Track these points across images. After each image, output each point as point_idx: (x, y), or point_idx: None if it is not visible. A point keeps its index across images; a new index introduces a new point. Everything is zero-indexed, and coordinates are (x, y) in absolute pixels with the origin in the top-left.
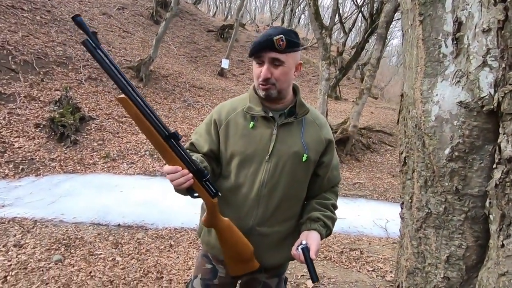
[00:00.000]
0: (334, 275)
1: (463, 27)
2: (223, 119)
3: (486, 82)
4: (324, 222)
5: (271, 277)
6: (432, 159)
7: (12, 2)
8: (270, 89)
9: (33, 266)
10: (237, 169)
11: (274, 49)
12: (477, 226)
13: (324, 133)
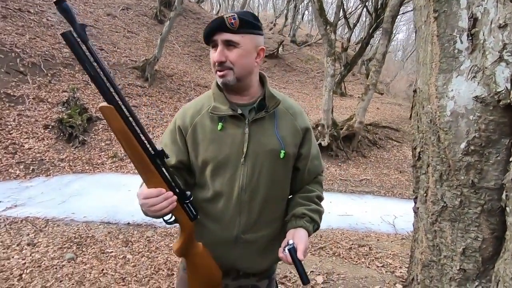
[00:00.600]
0: (344, 271)
1: (478, 23)
2: (188, 125)
3: (503, 77)
4: (310, 217)
5: (260, 279)
6: (448, 153)
7: (19, 5)
8: (227, 76)
9: (46, 264)
10: (212, 177)
11: (226, 29)
12: (493, 219)
13: (300, 122)
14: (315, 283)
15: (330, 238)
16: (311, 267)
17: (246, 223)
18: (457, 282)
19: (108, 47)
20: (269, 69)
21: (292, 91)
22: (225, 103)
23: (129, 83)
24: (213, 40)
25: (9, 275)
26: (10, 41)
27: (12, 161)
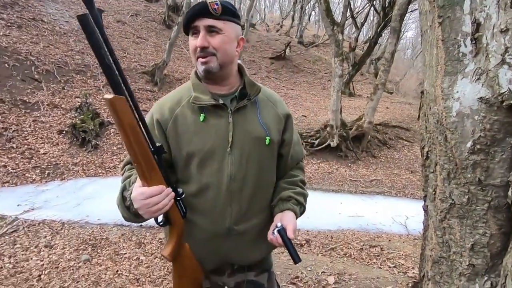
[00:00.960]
0: (355, 272)
1: (481, 28)
2: (168, 117)
3: (505, 78)
4: (296, 200)
5: (259, 273)
6: (455, 153)
7: (33, 15)
8: (210, 62)
9: (63, 265)
10: (199, 169)
11: (209, 15)
12: (500, 215)
13: (280, 109)
14: (327, 283)
15: (341, 239)
16: (322, 268)
17: (238, 213)
18: (466, 277)
19: (118, 53)
20: (277, 71)
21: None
22: (206, 93)
23: (139, 88)
24: (194, 26)
25: (28, 276)
26: (26, 50)
27: (28, 166)
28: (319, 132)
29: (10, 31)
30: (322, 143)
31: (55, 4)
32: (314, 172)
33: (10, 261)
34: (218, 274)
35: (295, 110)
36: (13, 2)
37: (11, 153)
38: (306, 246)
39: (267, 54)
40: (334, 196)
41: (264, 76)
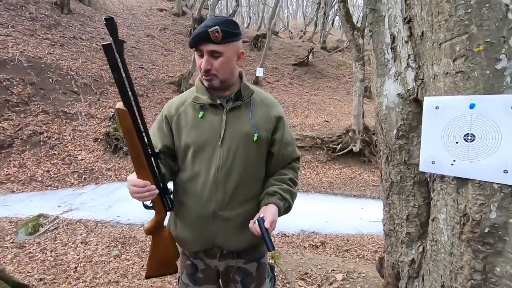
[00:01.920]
0: (365, 271)
1: (396, 39)
2: (173, 114)
3: (410, 78)
4: (281, 195)
5: (248, 262)
6: (387, 139)
7: (73, 34)
8: (212, 80)
9: (96, 259)
10: (193, 158)
11: (210, 41)
12: (423, 189)
13: (274, 111)
14: (334, 279)
15: (357, 241)
16: (332, 266)
17: (222, 200)
18: (406, 244)
19: (148, 65)
20: (300, 77)
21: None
22: (205, 93)
23: (166, 97)
24: (199, 49)
25: (66, 267)
26: (67, 66)
27: (68, 171)
28: (341, 137)
29: (54, 49)
30: (344, 148)
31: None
32: (335, 177)
33: (52, 254)
34: (210, 256)
35: (317, 115)
36: (56, 23)
37: (53, 160)
38: (321, 247)
39: (290, 60)
40: (356, 201)
41: (287, 83)
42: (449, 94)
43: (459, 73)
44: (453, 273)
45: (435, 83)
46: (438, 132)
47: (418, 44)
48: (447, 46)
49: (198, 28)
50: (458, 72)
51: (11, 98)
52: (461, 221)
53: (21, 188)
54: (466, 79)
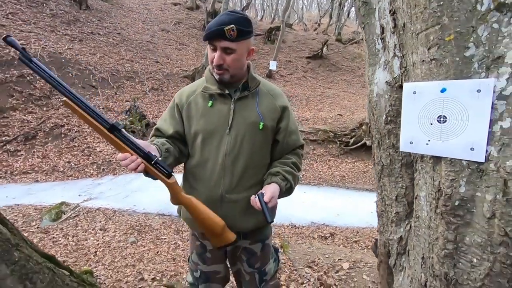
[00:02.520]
0: (372, 261)
1: (385, 30)
2: (184, 102)
3: (396, 66)
4: (283, 176)
5: (253, 242)
6: (378, 124)
7: (91, 29)
8: (223, 74)
9: (114, 245)
10: (202, 145)
11: (225, 38)
12: (410, 170)
13: (279, 101)
14: (341, 268)
15: (367, 234)
16: (340, 256)
17: (229, 184)
18: (395, 223)
19: (163, 60)
20: (314, 70)
21: (337, 91)
22: (214, 84)
23: None
24: (212, 43)
25: (87, 251)
26: (85, 60)
27: (87, 162)
28: (354, 130)
29: (73, 44)
30: (357, 142)
31: (109, 18)
32: (348, 171)
33: (73, 239)
34: None
35: (330, 109)
36: (75, 19)
37: (74, 151)
38: (330, 238)
39: (304, 53)
40: (368, 195)
41: (301, 76)
42: (425, 80)
43: (433, 61)
44: (430, 244)
45: (414, 70)
46: (415, 115)
47: (401, 35)
48: (423, 35)
49: (214, 23)
50: (432, 60)
51: (34, 92)
52: (436, 196)
53: (44, 178)
54: (439, 66)
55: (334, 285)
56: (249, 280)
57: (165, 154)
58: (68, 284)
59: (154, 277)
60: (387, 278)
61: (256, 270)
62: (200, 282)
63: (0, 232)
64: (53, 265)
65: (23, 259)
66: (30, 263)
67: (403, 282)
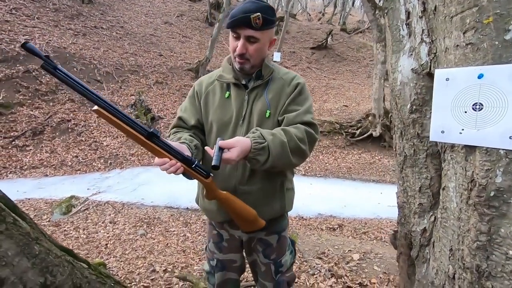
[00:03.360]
0: (382, 252)
1: (411, 15)
2: (203, 91)
3: (424, 53)
4: (261, 133)
5: (269, 234)
6: (401, 114)
7: (94, 23)
8: (245, 64)
9: (124, 238)
10: (217, 135)
11: (250, 27)
12: (436, 161)
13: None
14: (351, 259)
15: (375, 225)
16: (349, 247)
17: (242, 176)
18: (418, 215)
19: (166, 53)
20: (318, 61)
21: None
22: (230, 73)
23: (184, 84)
24: (236, 31)
25: (98, 244)
26: (89, 55)
27: (94, 156)
28: (361, 121)
29: (77, 39)
30: (363, 133)
31: (112, 11)
32: (354, 163)
33: (84, 232)
34: (233, 227)
35: (336, 100)
36: (78, 13)
37: (81, 146)
38: (338, 230)
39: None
40: (375, 186)
41: (305, 67)
42: (459, 66)
43: (469, 45)
44: (460, 236)
45: (446, 56)
46: (447, 103)
47: (431, 19)
48: (458, 19)
49: (239, 11)
50: (468, 44)
51: (40, 87)
52: (468, 187)
53: (53, 172)
54: (475, 51)
55: (345, 276)
56: (265, 271)
57: (195, 152)
58: (87, 276)
59: (166, 269)
60: (407, 269)
61: (271, 261)
62: (217, 271)
63: (20, 226)
64: (71, 258)
65: (43, 252)
66: (50, 256)
67: (427, 274)
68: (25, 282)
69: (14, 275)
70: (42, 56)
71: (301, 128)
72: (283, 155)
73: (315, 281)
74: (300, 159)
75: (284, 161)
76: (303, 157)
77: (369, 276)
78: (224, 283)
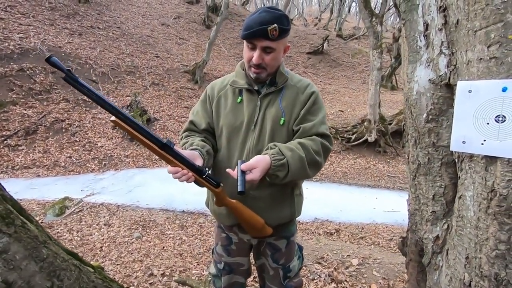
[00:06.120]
0: (380, 257)
1: (429, 27)
2: (215, 95)
3: (443, 64)
4: (279, 149)
5: (278, 238)
6: (417, 123)
7: (91, 23)
8: (261, 73)
9: (120, 240)
10: (227, 140)
11: (267, 38)
12: (450, 169)
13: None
14: (350, 264)
15: (372, 230)
16: (348, 252)
17: None
18: (430, 222)
19: (163, 54)
20: (314, 66)
21: (338, 87)
22: (244, 78)
23: (181, 86)
24: (252, 42)
25: (92, 246)
26: (85, 55)
27: (88, 157)
28: (356, 127)
29: (73, 38)
30: (359, 138)
31: (108, 11)
32: (350, 168)
33: (78, 234)
34: (243, 231)
35: (332, 105)
36: (74, 13)
37: (75, 146)
38: (335, 234)
39: (305, 49)
40: (370, 191)
41: (301, 72)
42: (482, 78)
43: (493, 59)
44: (478, 245)
45: (468, 68)
46: (469, 114)
47: (452, 32)
48: (482, 33)
49: (255, 22)
50: (492, 58)
51: (34, 86)
52: (488, 197)
53: (46, 172)
54: (499, 64)
55: (345, 281)
56: (273, 275)
57: (207, 157)
58: (94, 281)
59: (164, 273)
60: (416, 276)
61: (280, 266)
62: (224, 274)
63: (28, 229)
64: (78, 262)
65: (51, 256)
66: (57, 260)
67: (439, 281)
68: (33, 286)
69: (22, 279)
70: (65, 70)
71: (317, 140)
72: (301, 169)
73: (315, 286)
74: (316, 171)
75: (301, 174)
76: (318, 168)
77: (369, 281)
78: (231, 286)
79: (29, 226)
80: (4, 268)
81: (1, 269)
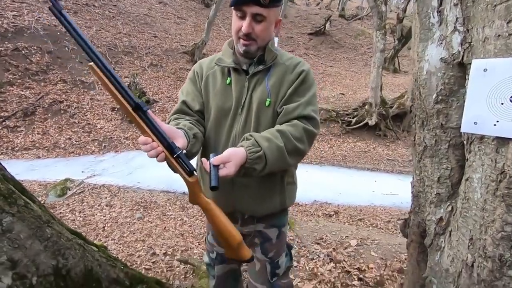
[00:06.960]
0: (378, 238)
1: (444, 2)
2: (203, 74)
3: (456, 42)
4: (255, 140)
5: (268, 227)
6: (425, 104)
7: (86, 0)
8: (250, 45)
9: (122, 221)
10: (215, 124)
11: (258, 3)
12: (458, 152)
13: (296, 68)
14: (349, 245)
15: (370, 212)
16: (346, 233)
17: None
18: (434, 204)
19: (161, 34)
20: (315, 47)
21: (339, 69)
22: (230, 57)
23: (180, 67)
24: (241, 9)
25: (95, 227)
26: None
27: (88, 139)
28: (357, 110)
29: None
30: (359, 122)
31: None
32: (349, 151)
33: (80, 215)
34: (233, 221)
35: (332, 88)
36: None
37: (74, 128)
38: (334, 216)
39: (306, 29)
40: (369, 174)
41: (302, 53)
42: (499, 56)
43: None
44: (483, 226)
45: (484, 46)
46: (483, 94)
47: (469, 7)
48: (503, 7)
49: None
50: (511, 34)
51: (30, 66)
52: (497, 179)
53: (46, 154)
54: None
55: (344, 261)
56: (259, 270)
57: (193, 141)
58: (98, 259)
59: (166, 252)
60: (416, 256)
61: (268, 260)
62: (217, 263)
63: (32, 209)
64: (82, 241)
65: (55, 235)
66: (61, 239)
67: (441, 261)
68: (38, 265)
69: (27, 257)
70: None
71: (299, 126)
72: (280, 160)
73: (314, 265)
74: (299, 158)
75: (281, 164)
76: (301, 156)
77: (366, 261)
78: (225, 274)
79: (32, 206)
80: (9, 247)
81: (6, 248)
